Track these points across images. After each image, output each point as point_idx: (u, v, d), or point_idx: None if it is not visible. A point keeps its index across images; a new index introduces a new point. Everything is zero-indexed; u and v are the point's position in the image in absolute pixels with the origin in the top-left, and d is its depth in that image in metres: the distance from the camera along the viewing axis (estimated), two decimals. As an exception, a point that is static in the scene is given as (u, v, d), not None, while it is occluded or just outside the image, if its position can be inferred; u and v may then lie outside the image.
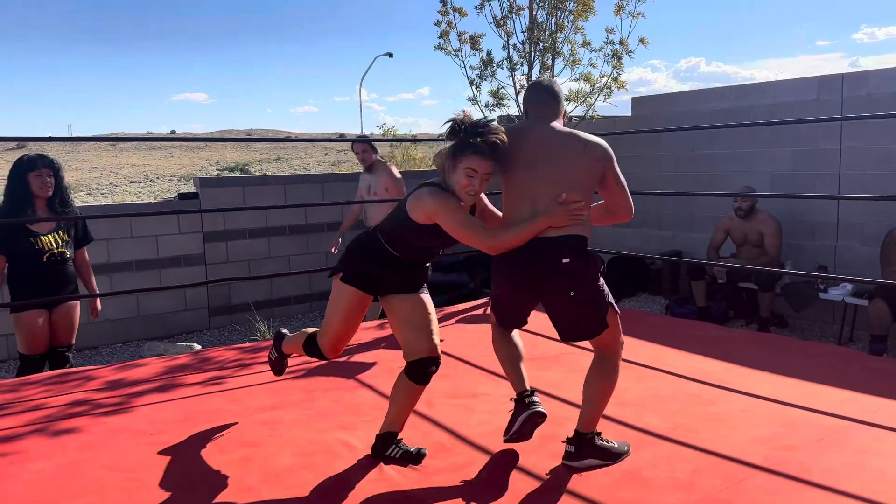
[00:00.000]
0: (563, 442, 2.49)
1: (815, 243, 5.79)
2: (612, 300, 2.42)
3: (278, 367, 3.01)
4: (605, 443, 2.47)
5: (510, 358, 2.58)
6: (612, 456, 2.46)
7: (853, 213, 5.56)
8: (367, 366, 3.72)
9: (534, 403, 2.45)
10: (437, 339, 2.49)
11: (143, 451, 2.67)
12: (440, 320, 4.72)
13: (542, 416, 2.45)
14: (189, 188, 6.32)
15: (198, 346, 5.41)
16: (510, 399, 2.52)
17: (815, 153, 5.75)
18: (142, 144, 40.45)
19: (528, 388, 2.52)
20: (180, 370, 3.72)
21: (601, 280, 2.39)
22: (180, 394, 3.34)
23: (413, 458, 2.53)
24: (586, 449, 2.43)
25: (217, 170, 29.79)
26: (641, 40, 5.72)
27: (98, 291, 4.16)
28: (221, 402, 3.22)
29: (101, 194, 22.23)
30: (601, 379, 2.46)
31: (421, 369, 2.47)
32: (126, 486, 2.39)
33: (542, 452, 2.57)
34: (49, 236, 3.83)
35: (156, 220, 6.04)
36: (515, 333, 2.66)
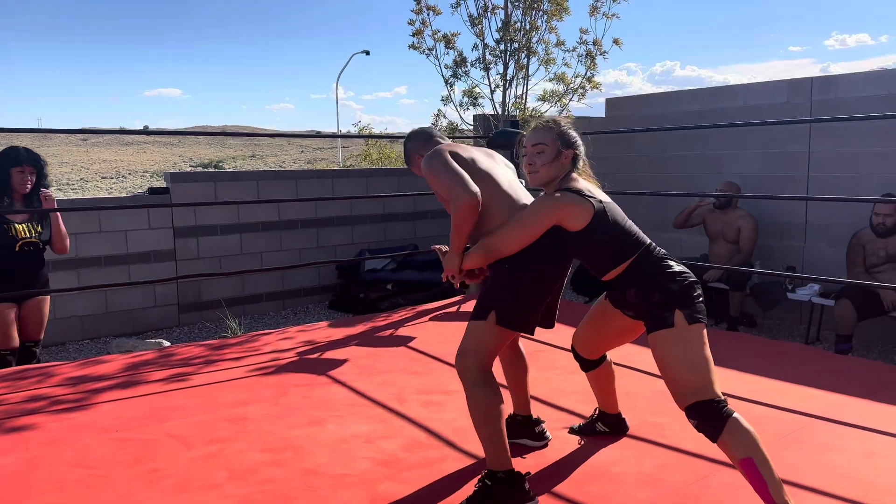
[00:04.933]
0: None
1: (784, 244, 5.88)
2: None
3: None
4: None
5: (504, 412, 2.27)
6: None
7: (821, 214, 5.65)
8: (338, 362, 3.70)
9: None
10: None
11: (108, 448, 2.63)
12: (414, 318, 4.72)
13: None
14: (161, 184, 6.22)
15: (167, 343, 5.34)
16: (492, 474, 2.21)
17: (784, 155, 5.84)
18: (114, 140, 39.82)
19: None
20: (146, 366, 3.67)
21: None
22: (146, 390, 3.29)
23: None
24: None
25: (190, 166, 29.49)
26: (615, 41, 5.78)
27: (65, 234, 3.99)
28: (188, 398, 3.18)
29: (72, 189, 21.88)
30: None
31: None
32: (89, 483, 2.35)
33: (515, 447, 2.57)
34: (23, 225, 3.80)
35: (125, 214, 5.95)
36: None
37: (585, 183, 2.31)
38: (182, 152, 34.84)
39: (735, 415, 2.01)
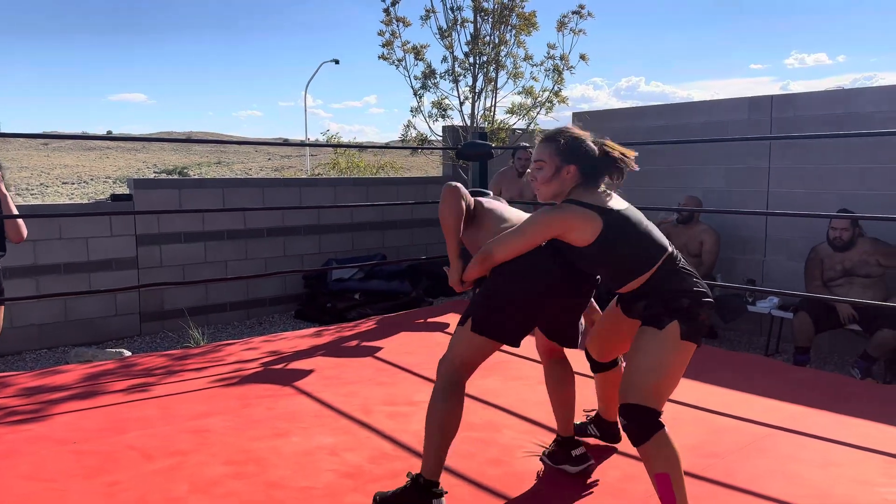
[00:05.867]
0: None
1: (745, 258, 5.99)
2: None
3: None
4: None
5: (455, 429, 2.25)
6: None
7: (781, 229, 5.78)
8: (304, 373, 3.66)
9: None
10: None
11: (65, 460, 2.56)
12: (381, 328, 4.70)
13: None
14: (124, 190, 6.13)
15: (128, 353, 5.23)
16: (414, 476, 2.23)
17: (745, 171, 5.97)
18: (76, 145, 39.06)
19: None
20: (106, 376, 3.59)
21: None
22: (105, 401, 3.22)
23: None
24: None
25: (155, 172, 29.05)
26: (582, 56, 5.87)
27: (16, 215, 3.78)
28: (149, 409, 3.12)
29: (31, 195, 21.38)
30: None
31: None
32: (45, 496, 2.29)
33: (479, 458, 2.58)
34: None
35: (86, 221, 5.83)
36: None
37: (597, 196, 2.19)
38: (146, 158, 34.31)
39: (665, 429, 2.02)
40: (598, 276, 2.32)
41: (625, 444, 2.71)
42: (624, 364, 2.51)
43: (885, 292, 4.68)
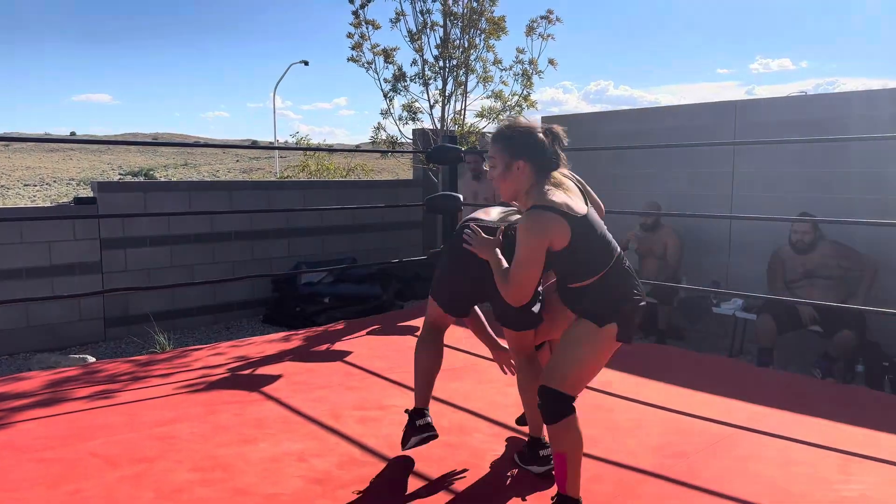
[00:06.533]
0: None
1: (710, 260, 6.10)
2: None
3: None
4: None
5: (431, 370, 2.65)
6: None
7: (744, 232, 5.89)
8: (272, 378, 3.64)
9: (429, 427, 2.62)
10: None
11: (28, 469, 2.52)
12: (350, 332, 4.69)
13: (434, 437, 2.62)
14: (88, 193, 6.02)
15: (92, 359, 5.14)
16: (406, 411, 2.65)
17: (709, 175, 6.07)
18: (38, 146, 38.25)
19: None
20: (69, 383, 3.53)
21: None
22: (69, 408, 3.16)
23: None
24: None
25: (120, 174, 28.60)
26: (551, 61, 5.92)
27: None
28: (113, 415, 3.07)
29: (-9, 197, 20.90)
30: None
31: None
32: (5, 507, 2.25)
33: (449, 461, 2.59)
34: None
35: (49, 225, 5.72)
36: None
37: (561, 195, 2.14)
38: (111, 160, 33.74)
39: (574, 414, 2.15)
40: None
41: (591, 445, 2.74)
42: (549, 347, 2.69)
43: (845, 294, 4.80)
